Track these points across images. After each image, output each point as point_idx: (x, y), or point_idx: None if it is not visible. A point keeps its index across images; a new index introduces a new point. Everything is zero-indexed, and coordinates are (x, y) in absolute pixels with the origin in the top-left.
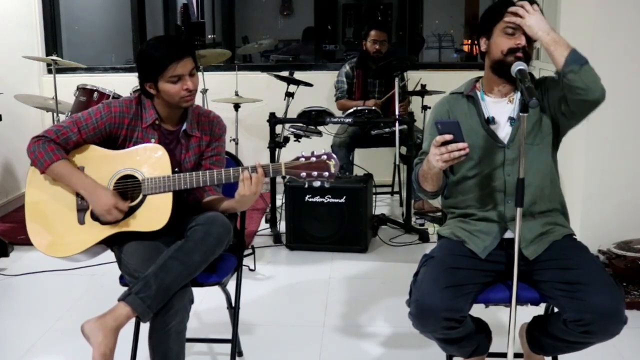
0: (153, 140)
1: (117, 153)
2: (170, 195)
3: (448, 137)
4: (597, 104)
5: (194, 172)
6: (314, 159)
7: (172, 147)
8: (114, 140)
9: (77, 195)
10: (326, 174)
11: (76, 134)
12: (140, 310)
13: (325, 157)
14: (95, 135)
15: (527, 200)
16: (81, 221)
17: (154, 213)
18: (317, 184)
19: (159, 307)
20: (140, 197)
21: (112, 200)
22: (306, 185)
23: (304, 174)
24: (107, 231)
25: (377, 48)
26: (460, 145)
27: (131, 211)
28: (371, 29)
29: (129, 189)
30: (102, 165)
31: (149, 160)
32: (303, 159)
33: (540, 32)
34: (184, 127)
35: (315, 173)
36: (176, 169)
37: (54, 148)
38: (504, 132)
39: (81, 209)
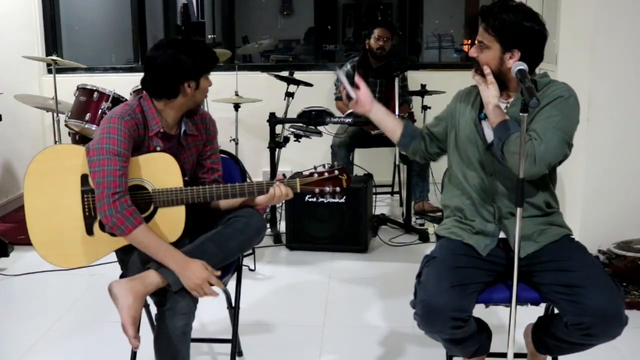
0: (158, 148)
1: None
2: (183, 207)
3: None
4: (537, 175)
5: (207, 186)
6: (326, 174)
7: (174, 150)
8: None
9: (83, 204)
10: (338, 189)
11: (125, 166)
12: (172, 280)
13: (337, 171)
14: (128, 152)
15: (507, 202)
16: (90, 232)
17: (168, 225)
18: (328, 198)
19: None
20: (152, 208)
21: (205, 273)
22: (318, 200)
23: (317, 189)
24: (120, 243)
25: (380, 44)
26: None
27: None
28: (376, 27)
29: (139, 199)
30: None
31: (159, 170)
32: (316, 175)
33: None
34: (183, 127)
35: (327, 189)
36: (186, 178)
37: (132, 211)
38: (491, 132)
39: (89, 219)
